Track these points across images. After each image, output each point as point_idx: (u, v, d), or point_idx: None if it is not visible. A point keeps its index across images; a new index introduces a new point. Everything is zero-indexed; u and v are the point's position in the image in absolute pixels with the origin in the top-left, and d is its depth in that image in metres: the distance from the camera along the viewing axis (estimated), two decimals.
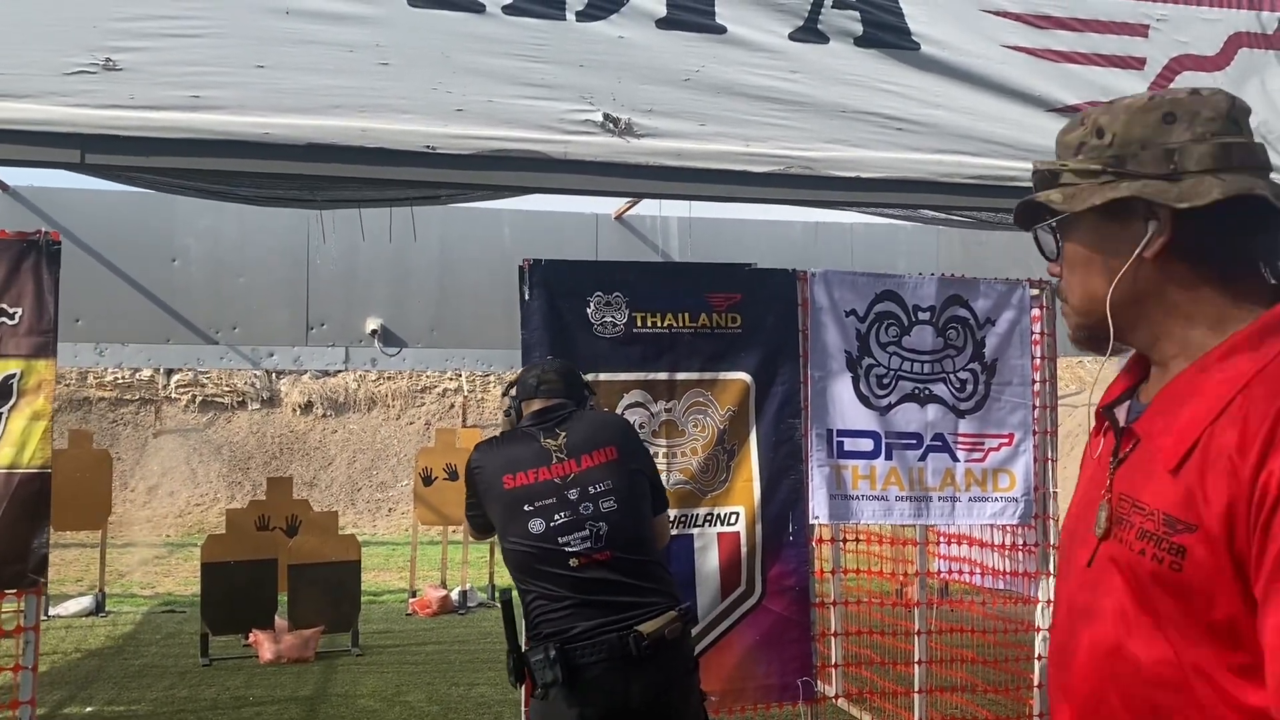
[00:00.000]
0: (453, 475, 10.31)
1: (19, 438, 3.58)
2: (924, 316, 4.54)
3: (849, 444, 4.45)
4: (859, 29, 3.39)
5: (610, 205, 11.50)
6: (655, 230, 11.31)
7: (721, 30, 3.30)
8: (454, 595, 10.12)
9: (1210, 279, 1.23)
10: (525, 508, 2.99)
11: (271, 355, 11.21)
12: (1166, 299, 1.25)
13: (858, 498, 4.44)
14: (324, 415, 23.66)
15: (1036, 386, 4.67)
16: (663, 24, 3.26)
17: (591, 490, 3.01)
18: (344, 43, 3.05)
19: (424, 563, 10.89)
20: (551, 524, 2.96)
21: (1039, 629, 4.74)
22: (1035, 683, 4.65)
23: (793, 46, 3.34)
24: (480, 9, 3.14)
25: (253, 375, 21.60)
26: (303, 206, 7.30)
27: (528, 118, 3.16)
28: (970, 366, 4.59)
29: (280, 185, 5.40)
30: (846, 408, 4.45)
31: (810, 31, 3.36)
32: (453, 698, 6.81)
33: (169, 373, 20.48)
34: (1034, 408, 4.65)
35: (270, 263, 10.14)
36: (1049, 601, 4.66)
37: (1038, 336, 4.71)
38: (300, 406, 23.25)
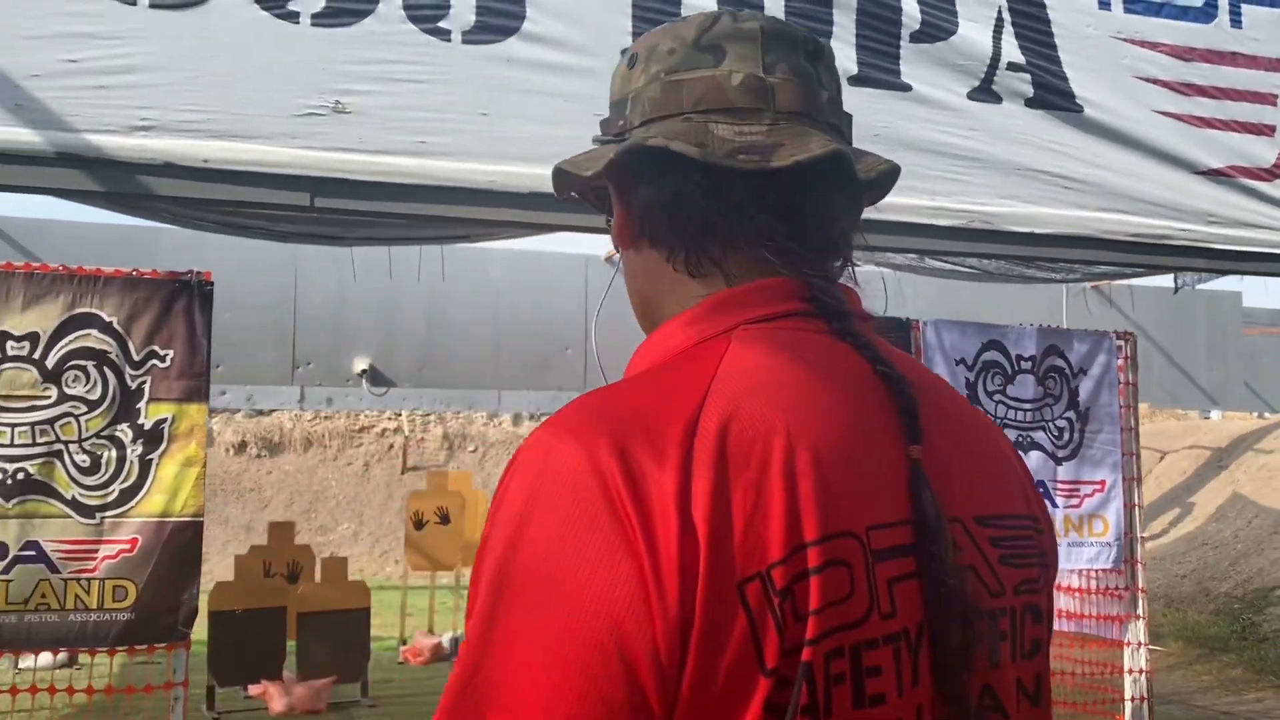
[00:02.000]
0: (444, 519, 10.14)
1: (171, 485, 3.45)
2: (1025, 366, 4.68)
3: None
4: (1030, 90, 3.52)
5: (600, 246, 11.57)
6: None
7: (907, 88, 3.39)
8: (445, 642, 9.91)
9: (679, 270, 0.91)
10: None
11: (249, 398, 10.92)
12: (660, 303, 0.94)
13: None
14: (258, 455, 23.05)
15: (1123, 434, 4.84)
16: (854, 80, 3.34)
17: None
18: (562, 93, 3.06)
19: (404, 609, 10.65)
20: None
21: (1129, 670, 4.87)
22: None
23: (971, 105, 3.46)
24: None
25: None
26: (333, 244, 7.20)
27: None
28: (1067, 414, 4.74)
29: (321, 222, 5.34)
30: None
31: (986, 91, 3.48)
32: None
33: None
34: (1121, 454, 4.82)
35: (255, 300, 9.92)
36: (1140, 643, 4.81)
37: (1123, 385, 4.89)
38: (234, 446, 22.61)
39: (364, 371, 10.51)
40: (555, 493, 0.74)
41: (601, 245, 11.54)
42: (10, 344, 3.36)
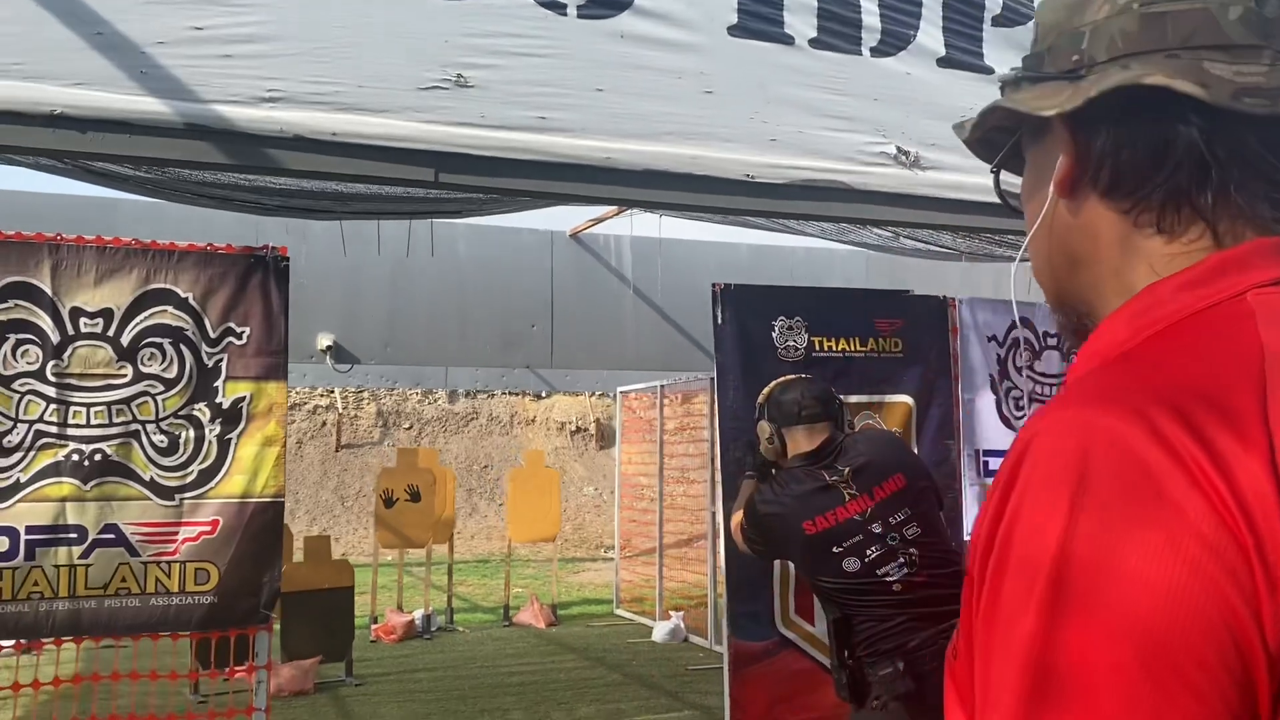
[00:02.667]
0: (415, 497, 10.05)
1: (251, 465, 3.38)
2: (1051, 342, 4.83)
3: (993, 463, 4.68)
4: None
5: (566, 222, 11.52)
6: (609, 249, 11.40)
7: (990, 71, 3.47)
8: (417, 619, 9.85)
9: (1142, 226, 0.83)
10: (835, 549, 3.05)
11: None
12: (1099, 259, 0.87)
13: None
14: None
15: None
16: (942, 63, 3.40)
17: (893, 521, 3.08)
18: (673, 69, 3.06)
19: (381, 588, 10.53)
20: (866, 560, 3.03)
21: None
22: None
23: None
24: (790, 41, 3.20)
25: None
26: (324, 218, 7.06)
27: (832, 149, 3.24)
28: None
29: (309, 196, 5.25)
30: (990, 429, 4.68)
31: None
32: None
33: None
34: None
35: None
36: None
37: None
38: None
39: (328, 348, 10.31)
40: (1115, 476, 0.67)
41: (568, 221, 11.50)
42: (84, 320, 3.24)
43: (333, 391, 22.32)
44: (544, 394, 21.57)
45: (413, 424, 22.22)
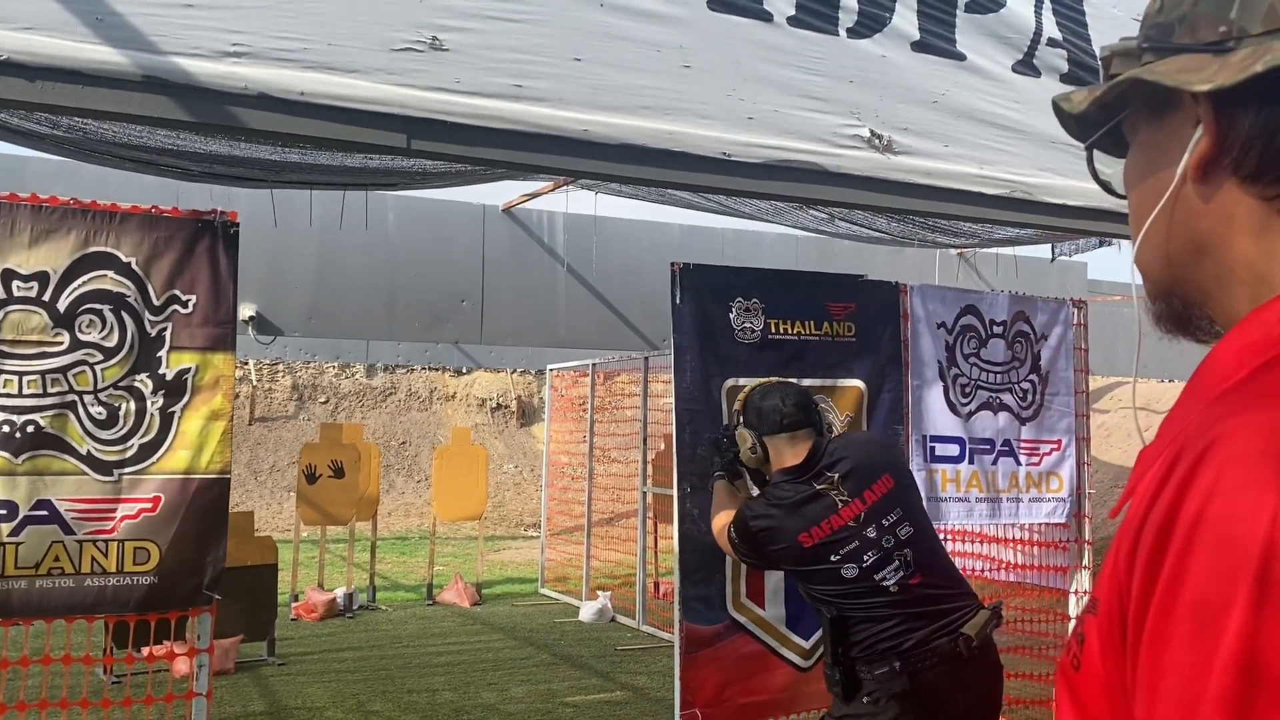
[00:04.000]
0: (339, 472, 9.83)
1: (195, 440, 3.22)
2: (998, 330, 4.88)
3: (939, 449, 4.72)
4: (1065, 67, 3.65)
5: (499, 196, 11.32)
6: (543, 225, 11.26)
7: (962, 58, 3.46)
8: (339, 598, 9.65)
9: None
10: (833, 558, 3.01)
11: None
12: (1230, 247, 0.80)
13: (946, 500, 4.72)
14: None
15: (1076, 396, 5.13)
16: (916, 47, 3.38)
17: (886, 523, 3.04)
18: (651, 41, 2.98)
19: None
20: (864, 565, 2.99)
21: (1070, 618, 5.20)
22: None
23: (1015, 78, 3.56)
24: (769, 18, 3.14)
25: None
26: (255, 186, 6.83)
27: (807, 129, 3.19)
28: (1030, 377, 4.98)
29: (248, 157, 5.08)
30: (937, 415, 4.72)
31: (1028, 65, 3.58)
32: (420, 704, 6.56)
33: None
34: (1074, 416, 5.11)
35: None
36: (1084, 591, 5.14)
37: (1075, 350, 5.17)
38: None
39: (251, 319, 9.99)
40: None
41: (501, 195, 11.31)
42: (16, 283, 3.04)
43: (246, 363, 21.74)
44: (465, 370, 21.34)
45: (329, 398, 21.79)
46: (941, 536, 5.81)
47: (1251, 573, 0.62)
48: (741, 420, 3.29)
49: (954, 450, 4.75)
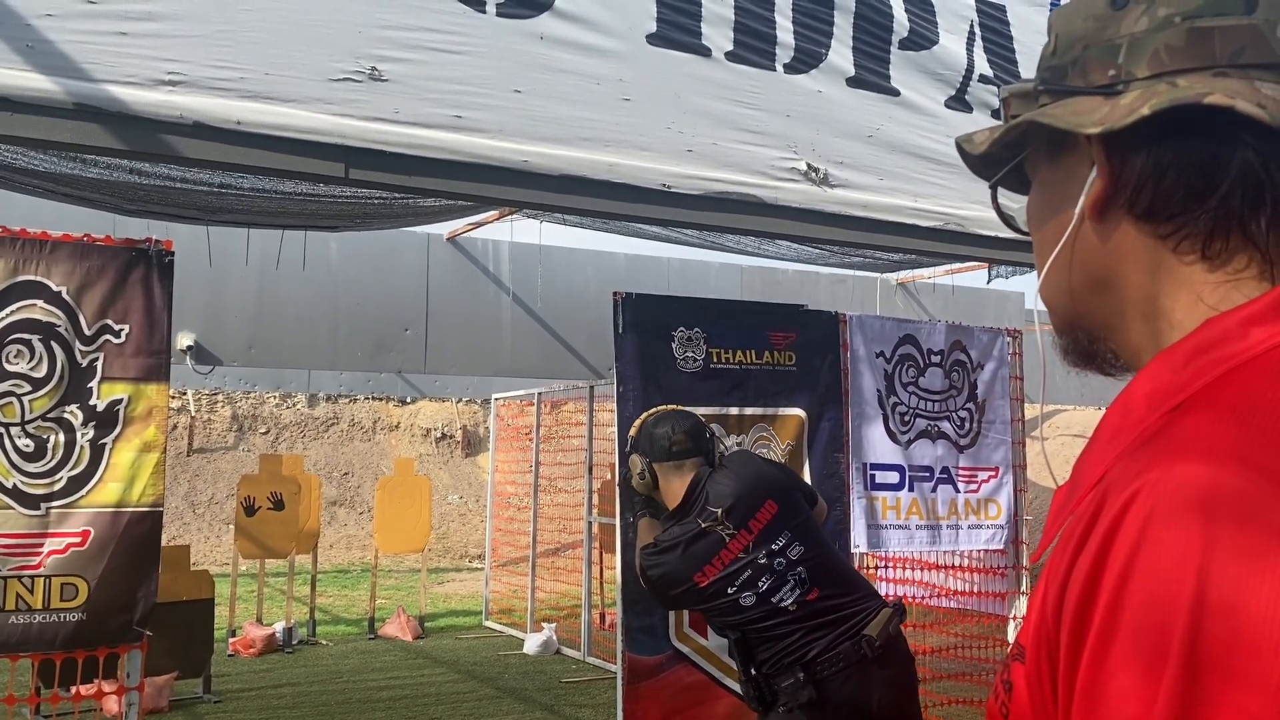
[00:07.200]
0: (278, 505, 9.67)
1: (127, 472, 3.15)
2: (935, 359, 4.96)
3: (880, 477, 4.77)
4: (997, 103, 3.73)
5: (443, 225, 11.30)
6: (487, 253, 11.24)
7: (896, 93, 3.53)
8: (278, 633, 9.46)
9: (1183, 252, 0.79)
10: (729, 590, 3.05)
11: None
12: (1128, 283, 0.83)
13: (886, 527, 4.77)
14: None
15: (1011, 424, 5.23)
16: (851, 82, 3.45)
17: (775, 547, 3.08)
18: (591, 74, 3.00)
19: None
20: (760, 591, 3.04)
21: (1009, 644, 5.27)
22: None
23: (948, 113, 3.64)
24: (707, 53, 3.19)
25: None
26: (195, 222, 6.77)
27: (745, 162, 3.24)
28: (967, 405, 5.06)
29: (184, 198, 5.05)
30: (877, 443, 4.78)
31: (960, 101, 3.67)
32: None
33: None
34: (1010, 443, 5.20)
35: None
36: (1020, 618, 5.20)
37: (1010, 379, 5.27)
38: None
39: (189, 348, 9.83)
40: (1248, 537, 0.62)
41: (445, 224, 11.27)
42: None
43: (185, 393, 21.36)
44: (409, 399, 21.15)
45: (270, 428, 21.47)
46: (882, 563, 5.89)
47: (1182, 627, 0.62)
48: (633, 446, 3.33)
49: (894, 478, 4.80)
